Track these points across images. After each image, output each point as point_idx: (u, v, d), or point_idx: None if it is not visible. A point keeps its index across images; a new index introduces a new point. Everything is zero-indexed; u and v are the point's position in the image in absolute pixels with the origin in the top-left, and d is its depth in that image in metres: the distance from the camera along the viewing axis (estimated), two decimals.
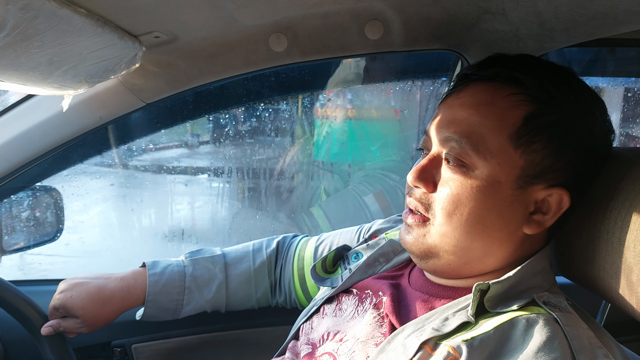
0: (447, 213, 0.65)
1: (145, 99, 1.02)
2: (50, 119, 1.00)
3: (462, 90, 0.68)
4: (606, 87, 2.74)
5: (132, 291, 0.99)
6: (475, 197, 0.63)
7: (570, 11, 0.75)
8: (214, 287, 1.03)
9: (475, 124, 0.64)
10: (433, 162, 0.68)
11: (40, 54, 0.61)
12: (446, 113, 0.68)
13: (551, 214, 0.66)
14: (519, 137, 0.63)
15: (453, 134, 0.65)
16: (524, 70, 0.66)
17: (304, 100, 2.47)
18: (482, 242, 0.65)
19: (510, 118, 0.64)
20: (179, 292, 1.01)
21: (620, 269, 0.64)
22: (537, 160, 0.64)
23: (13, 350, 1.10)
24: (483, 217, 0.64)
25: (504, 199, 0.64)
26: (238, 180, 2.54)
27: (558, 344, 0.55)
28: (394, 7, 0.86)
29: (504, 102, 0.65)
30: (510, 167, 0.64)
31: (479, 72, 0.68)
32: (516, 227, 0.66)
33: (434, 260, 0.68)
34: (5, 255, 1.30)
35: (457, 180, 0.64)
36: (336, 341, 0.72)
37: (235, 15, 0.82)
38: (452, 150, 0.65)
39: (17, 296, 0.95)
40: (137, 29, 0.78)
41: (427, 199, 0.68)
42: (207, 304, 1.04)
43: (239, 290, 1.05)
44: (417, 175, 0.68)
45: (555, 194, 0.65)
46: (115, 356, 1.18)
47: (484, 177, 0.63)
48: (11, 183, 1.09)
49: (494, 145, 0.63)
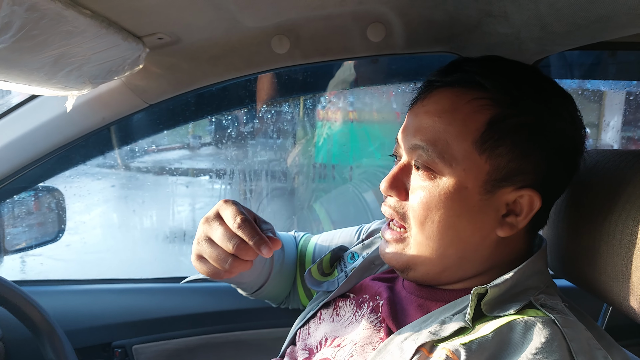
0: (419, 221, 0.66)
1: (148, 100, 1.03)
2: (54, 119, 1.01)
3: (427, 97, 0.69)
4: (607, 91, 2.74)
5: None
6: (444, 204, 0.64)
7: (572, 14, 0.75)
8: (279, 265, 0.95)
9: (439, 131, 0.65)
10: (404, 169, 0.69)
11: (45, 54, 0.62)
12: (413, 120, 0.69)
13: (523, 215, 0.66)
14: (483, 142, 0.63)
15: (420, 142, 0.66)
16: (486, 74, 0.66)
17: (306, 102, 2.48)
18: (455, 249, 0.66)
19: (474, 123, 0.64)
20: (264, 261, 0.90)
21: (621, 272, 0.64)
22: (503, 163, 0.64)
23: (14, 350, 1.10)
24: (453, 223, 0.65)
25: (473, 205, 0.64)
26: (239, 182, 2.54)
27: (557, 346, 0.55)
28: (396, 10, 0.86)
29: (467, 108, 0.64)
30: (477, 172, 0.64)
31: (442, 77, 0.68)
32: (489, 231, 0.66)
33: (412, 272, 0.69)
34: (7, 255, 1.30)
35: (425, 188, 0.65)
36: (334, 346, 0.72)
37: (238, 18, 0.82)
38: (420, 158, 0.66)
39: (19, 296, 0.95)
40: (141, 31, 0.79)
41: (402, 207, 0.69)
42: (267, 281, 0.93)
43: (283, 280, 0.98)
44: (389, 184, 0.69)
45: (525, 195, 0.65)
46: (115, 357, 1.18)
47: (451, 183, 0.64)
48: (14, 183, 1.09)
49: (459, 151, 0.64)
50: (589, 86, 2.53)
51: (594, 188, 0.71)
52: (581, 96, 2.53)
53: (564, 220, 0.75)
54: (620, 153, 0.72)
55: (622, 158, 0.70)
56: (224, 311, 1.20)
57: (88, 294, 1.27)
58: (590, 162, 0.75)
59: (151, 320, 1.21)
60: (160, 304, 1.24)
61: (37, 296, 0.98)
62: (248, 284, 0.92)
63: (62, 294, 1.26)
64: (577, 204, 0.73)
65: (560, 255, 0.77)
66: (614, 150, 0.74)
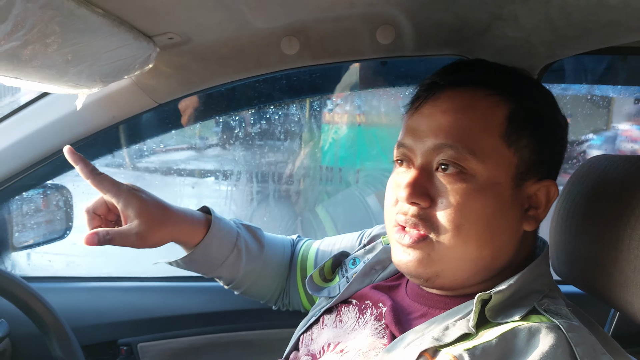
0: (455, 226, 0.62)
1: (158, 100, 1.03)
2: (64, 117, 1.01)
3: (436, 98, 0.66)
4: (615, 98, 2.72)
5: (190, 223, 0.88)
6: (481, 203, 0.62)
7: (583, 18, 0.75)
8: (253, 259, 0.97)
9: (465, 127, 0.63)
10: (423, 173, 0.64)
11: (57, 52, 0.63)
12: (426, 121, 0.66)
13: (542, 207, 0.66)
14: (508, 135, 0.64)
15: (445, 140, 0.63)
16: (491, 72, 0.67)
17: (313, 104, 2.48)
18: (490, 249, 0.64)
19: (496, 118, 0.64)
20: (228, 248, 0.92)
21: (629, 278, 0.63)
22: (527, 156, 0.64)
23: (21, 347, 1.11)
24: (490, 222, 0.63)
25: (505, 200, 0.63)
26: (245, 183, 2.55)
27: (561, 353, 0.54)
28: (406, 12, 0.87)
29: (485, 104, 0.64)
30: (507, 166, 0.64)
31: (448, 77, 0.67)
32: (517, 226, 0.65)
33: (440, 279, 0.65)
34: (15, 251, 1.31)
35: (459, 188, 0.62)
36: (337, 352, 0.71)
37: (248, 18, 0.83)
38: (448, 156, 0.62)
39: (27, 292, 0.96)
40: (152, 30, 0.79)
41: (425, 214, 0.64)
42: (239, 274, 0.95)
43: (268, 276, 1.00)
44: (412, 191, 0.63)
45: (543, 187, 0.66)
46: (121, 355, 1.19)
47: (484, 180, 0.62)
48: (23, 180, 1.10)
49: (489, 146, 0.63)
50: (597, 92, 2.51)
51: (602, 193, 0.70)
52: (589, 102, 2.51)
53: (571, 225, 0.75)
54: (629, 158, 0.71)
55: (631, 163, 0.70)
56: (229, 311, 1.21)
57: (95, 291, 1.28)
58: (599, 167, 0.74)
59: (157, 319, 1.21)
60: (166, 303, 1.24)
61: (44, 293, 0.99)
62: (212, 273, 0.95)
63: (69, 291, 1.27)
64: (585, 209, 0.73)
65: (567, 260, 0.76)
66: (623, 156, 0.73)
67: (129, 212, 0.80)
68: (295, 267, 1.04)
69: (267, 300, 1.05)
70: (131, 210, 0.79)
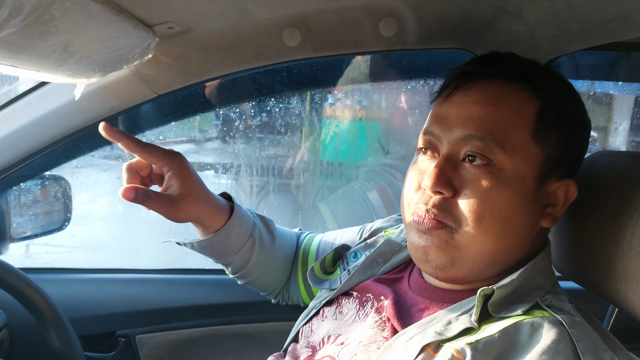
0: (477, 217, 0.61)
1: (157, 90, 1.03)
2: (62, 107, 1.01)
3: (469, 88, 0.66)
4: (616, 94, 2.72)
5: (216, 207, 0.87)
6: (504, 196, 0.61)
7: (589, 12, 0.74)
8: (264, 252, 0.96)
9: (495, 120, 0.63)
10: (448, 162, 0.64)
11: (55, 40, 0.62)
12: (456, 111, 0.65)
13: (560, 205, 0.66)
14: (537, 132, 0.63)
15: (474, 132, 0.62)
16: (524, 66, 0.66)
17: (314, 97, 2.47)
18: (509, 242, 0.64)
19: (526, 114, 0.64)
20: (245, 237, 0.92)
21: (630, 274, 0.63)
22: (553, 153, 0.64)
23: (19, 337, 1.11)
24: (512, 216, 0.62)
25: (528, 195, 0.63)
26: (245, 177, 2.54)
27: (563, 348, 0.54)
28: (409, 5, 0.85)
29: (517, 98, 0.64)
30: (533, 162, 0.63)
31: (483, 69, 0.67)
32: (536, 222, 0.66)
33: (455, 269, 0.65)
34: (13, 242, 1.31)
35: (484, 180, 0.61)
36: (337, 344, 0.71)
37: (249, 8, 0.82)
38: (477, 148, 0.62)
39: (25, 283, 0.96)
40: (152, 19, 0.78)
41: (447, 204, 0.63)
42: (250, 263, 0.95)
43: (274, 269, 1.00)
44: (437, 180, 0.62)
45: (563, 185, 0.66)
46: (119, 346, 1.19)
47: (510, 174, 0.62)
48: (20, 171, 1.10)
49: (518, 141, 0.63)
50: (598, 89, 2.51)
51: (604, 189, 0.70)
52: (590, 98, 2.51)
53: (572, 221, 0.75)
54: (632, 155, 0.71)
55: (633, 160, 0.70)
56: (227, 303, 1.21)
57: (93, 283, 1.28)
58: (601, 163, 0.74)
59: (155, 311, 1.21)
60: (164, 294, 1.24)
61: (42, 284, 0.99)
62: (225, 260, 0.93)
63: (67, 282, 1.27)
64: (586, 205, 0.72)
65: (567, 256, 0.76)
66: (625, 152, 0.73)
67: (173, 182, 0.79)
68: (297, 260, 1.03)
69: (269, 293, 1.04)
70: (176, 181, 0.79)
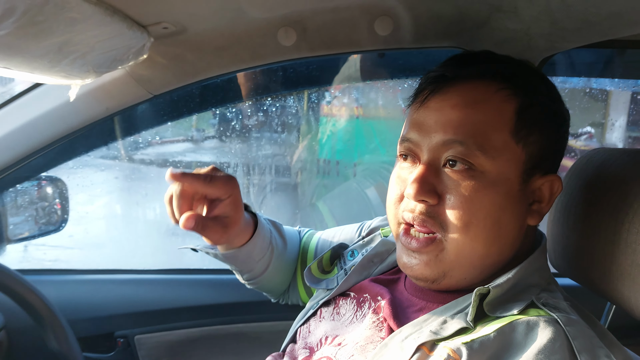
0: (463, 223, 0.61)
1: (153, 91, 1.02)
2: (57, 108, 1.00)
3: (444, 91, 0.65)
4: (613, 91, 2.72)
5: (243, 224, 0.84)
6: (490, 199, 0.61)
7: (584, 10, 0.74)
8: (279, 257, 0.95)
9: (476, 122, 0.62)
10: (430, 170, 0.63)
11: (48, 41, 0.61)
12: (434, 116, 0.64)
13: (546, 201, 0.66)
14: (517, 131, 0.63)
15: (454, 136, 0.61)
16: (500, 65, 0.65)
17: (310, 96, 2.47)
18: (498, 245, 0.63)
19: (507, 113, 0.63)
20: (266, 246, 0.91)
21: (626, 271, 0.63)
22: (535, 151, 0.64)
23: (17, 339, 1.11)
24: (499, 218, 0.62)
25: (514, 195, 0.63)
26: (242, 176, 2.54)
27: (559, 347, 0.54)
28: (405, 4, 0.86)
29: (496, 98, 0.63)
30: (516, 162, 0.63)
31: (459, 70, 0.65)
32: (523, 221, 0.65)
33: (447, 279, 0.64)
34: (10, 244, 1.30)
35: (467, 185, 0.61)
36: (334, 345, 0.71)
37: (244, 8, 0.81)
38: (458, 153, 0.61)
39: (23, 285, 0.95)
40: (146, 19, 0.78)
41: (434, 211, 0.62)
42: (268, 270, 0.93)
43: (281, 272, 0.98)
44: (420, 189, 0.61)
45: (547, 181, 0.65)
46: (118, 347, 1.19)
47: (494, 176, 0.62)
48: (16, 172, 1.09)
49: (499, 142, 0.62)
50: (594, 85, 2.51)
51: (600, 186, 0.70)
52: (587, 95, 2.51)
53: (569, 218, 0.75)
54: (628, 152, 0.71)
55: (629, 157, 0.70)
56: (225, 304, 1.21)
57: (91, 284, 1.28)
58: (597, 160, 0.74)
59: (153, 312, 1.21)
60: (162, 295, 1.24)
61: (40, 285, 0.99)
62: (246, 269, 0.91)
63: (65, 283, 1.26)
64: (583, 202, 0.72)
65: (564, 253, 0.76)
66: (621, 149, 0.73)
67: (228, 210, 0.76)
68: (297, 259, 1.03)
69: (274, 294, 1.03)
70: (231, 208, 0.76)
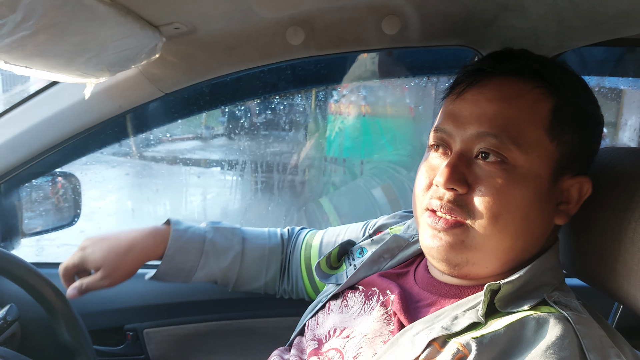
0: (494, 214, 0.61)
1: (164, 89, 1.04)
2: (72, 106, 1.03)
3: (483, 85, 0.66)
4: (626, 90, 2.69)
5: (152, 243, 0.96)
6: (520, 193, 0.61)
7: (591, 9, 0.74)
8: (230, 256, 1.01)
9: (510, 117, 0.63)
10: (461, 160, 0.64)
11: (65, 41, 0.63)
12: (470, 108, 0.65)
13: (574, 203, 0.67)
14: (552, 129, 0.63)
15: (489, 129, 0.62)
16: (539, 63, 0.66)
17: (318, 95, 2.47)
18: (524, 240, 0.64)
19: (541, 111, 0.64)
20: (196, 254, 0.98)
21: (633, 270, 0.63)
22: (567, 151, 0.64)
23: (30, 331, 1.14)
24: (527, 213, 0.62)
25: (543, 193, 0.63)
26: (250, 173, 2.56)
27: (568, 343, 0.54)
28: (412, 3, 0.86)
29: (532, 95, 0.64)
30: (548, 160, 0.63)
31: (497, 65, 0.67)
32: (551, 220, 0.66)
33: (469, 267, 0.65)
34: (25, 238, 1.33)
35: (499, 177, 0.61)
36: (343, 337, 0.72)
37: (253, 8, 0.83)
38: (491, 145, 0.62)
39: (37, 277, 0.97)
40: (158, 20, 0.80)
41: (462, 200, 0.63)
42: (219, 273, 1.02)
43: (252, 265, 1.04)
44: (450, 176, 0.62)
45: (577, 182, 0.66)
46: (127, 340, 1.21)
47: (525, 171, 0.62)
48: (32, 168, 1.12)
49: (533, 138, 0.63)
50: (607, 84, 2.49)
51: (607, 185, 0.70)
52: (599, 94, 2.49)
53: (575, 217, 0.75)
54: (636, 151, 0.71)
55: (637, 156, 0.69)
56: (234, 299, 1.22)
57: None
58: (605, 159, 0.74)
59: (162, 306, 1.23)
60: (171, 289, 1.26)
61: (53, 279, 1.01)
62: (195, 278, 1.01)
63: None
64: (589, 201, 0.72)
65: (571, 253, 0.76)
66: (629, 148, 0.73)
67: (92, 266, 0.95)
68: (298, 257, 1.05)
69: (262, 290, 1.08)
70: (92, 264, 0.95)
